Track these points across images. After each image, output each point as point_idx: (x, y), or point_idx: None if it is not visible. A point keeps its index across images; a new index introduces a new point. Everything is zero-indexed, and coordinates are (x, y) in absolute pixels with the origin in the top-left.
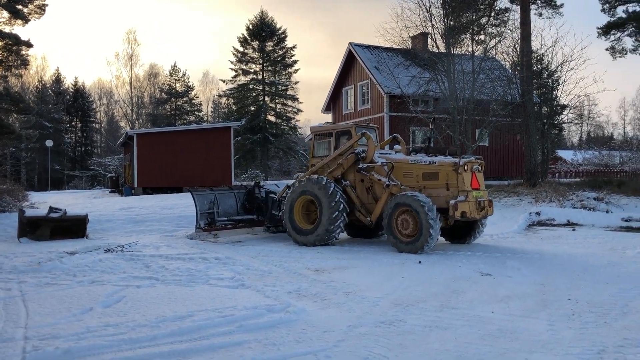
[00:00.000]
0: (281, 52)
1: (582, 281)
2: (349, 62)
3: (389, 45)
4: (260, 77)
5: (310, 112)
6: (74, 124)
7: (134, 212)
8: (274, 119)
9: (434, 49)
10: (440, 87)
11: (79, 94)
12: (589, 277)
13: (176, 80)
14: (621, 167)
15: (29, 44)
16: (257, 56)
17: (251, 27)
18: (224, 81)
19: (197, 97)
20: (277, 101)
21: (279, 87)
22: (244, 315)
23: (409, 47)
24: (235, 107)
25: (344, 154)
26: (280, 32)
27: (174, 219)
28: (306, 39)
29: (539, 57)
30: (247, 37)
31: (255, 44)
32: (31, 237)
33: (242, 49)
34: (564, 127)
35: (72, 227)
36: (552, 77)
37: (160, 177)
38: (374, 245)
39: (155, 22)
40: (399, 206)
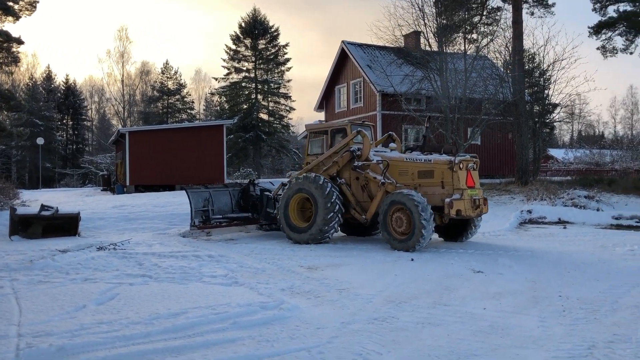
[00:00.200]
0: (274, 50)
1: (573, 278)
2: (342, 60)
3: (382, 43)
4: (252, 75)
5: (302, 110)
6: (65, 121)
7: (126, 210)
8: (266, 117)
9: (426, 48)
10: (432, 86)
11: (70, 91)
12: (579, 274)
13: (168, 78)
14: (612, 165)
15: (20, 41)
16: (249, 54)
17: (244, 24)
18: (216, 79)
19: (189, 95)
20: (269, 99)
21: (271, 85)
22: (238, 312)
23: (402, 45)
24: (227, 105)
25: (339, 151)
26: (272, 30)
27: (167, 217)
28: (299, 37)
29: (530, 56)
30: (240, 34)
31: (247, 42)
32: (23, 235)
33: (234, 47)
34: (556, 126)
35: (64, 225)
36: (544, 76)
37: (152, 175)
38: (367, 243)
39: (147, 20)
40: (394, 204)
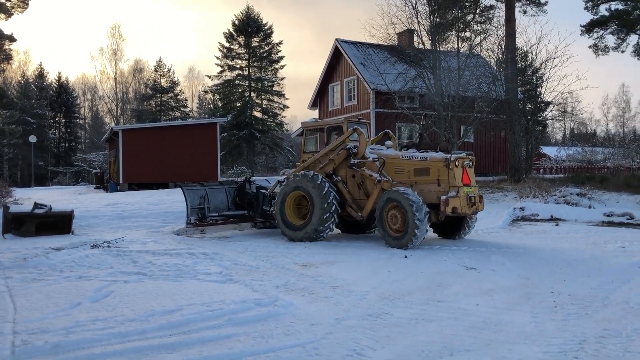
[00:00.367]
0: (267, 48)
1: (565, 274)
2: (336, 58)
3: (376, 41)
4: (246, 72)
5: (296, 108)
6: (57, 119)
7: (120, 208)
8: (260, 115)
9: (420, 46)
10: (426, 84)
11: (63, 89)
12: (571, 271)
13: (161, 75)
14: (603, 163)
15: (12, 39)
16: (243, 52)
17: (237, 22)
18: (209, 77)
19: (183, 92)
20: (263, 97)
21: (265, 83)
22: (233, 309)
23: (395, 43)
24: (221, 103)
25: (335, 149)
26: (266, 27)
27: (161, 215)
28: (292, 35)
29: (523, 54)
30: (233, 32)
31: (241, 40)
32: (16, 233)
33: (227, 45)
34: (548, 124)
35: (58, 223)
36: (536, 74)
37: (145, 173)
38: (361, 240)
39: (140, 17)
40: (390, 201)
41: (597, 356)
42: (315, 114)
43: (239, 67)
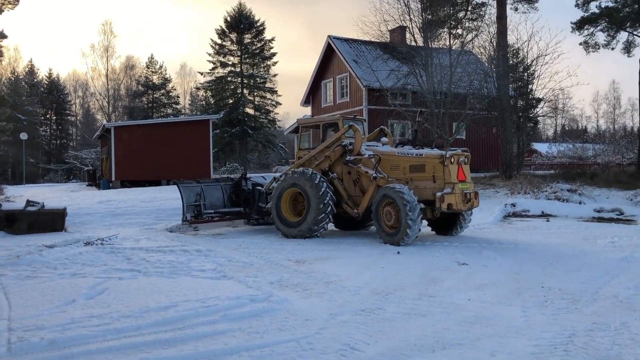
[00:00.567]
0: (260, 45)
1: (555, 270)
2: (328, 55)
3: (368, 38)
4: (238, 69)
5: (289, 105)
6: (48, 116)
7: (112, 205)
8: (252, 112)
9: (412, 43)
10: (418, 81)
11: (54, 86)
12: (561, 266)
13: (153, 72)
14: (594, 159)
15: (3, 35)
16: (235, 48)
17: (229, 19)
18: (201, 73)
19: (175, 89)
20: (255, 94)
21: (257, 79)
22: (227, 305)
23: (388, 40)
24: (213, 100)
25: (331, 146)
26: (258, 24)
27: (153, 212)
28: (285, 31)
29: (514, 51)
30: (225, 29)
31: (233, 36)
32: (8, 231)
33: (220, 41)
34: (539, 121)
35: (50, 221)
36: (528, 71)
37: (138, 170)
38: (354, 236)
39: (132, 14)
40: (385, 197)
41: (586, 349)
42: (307, 110)
43: (231, 63)
